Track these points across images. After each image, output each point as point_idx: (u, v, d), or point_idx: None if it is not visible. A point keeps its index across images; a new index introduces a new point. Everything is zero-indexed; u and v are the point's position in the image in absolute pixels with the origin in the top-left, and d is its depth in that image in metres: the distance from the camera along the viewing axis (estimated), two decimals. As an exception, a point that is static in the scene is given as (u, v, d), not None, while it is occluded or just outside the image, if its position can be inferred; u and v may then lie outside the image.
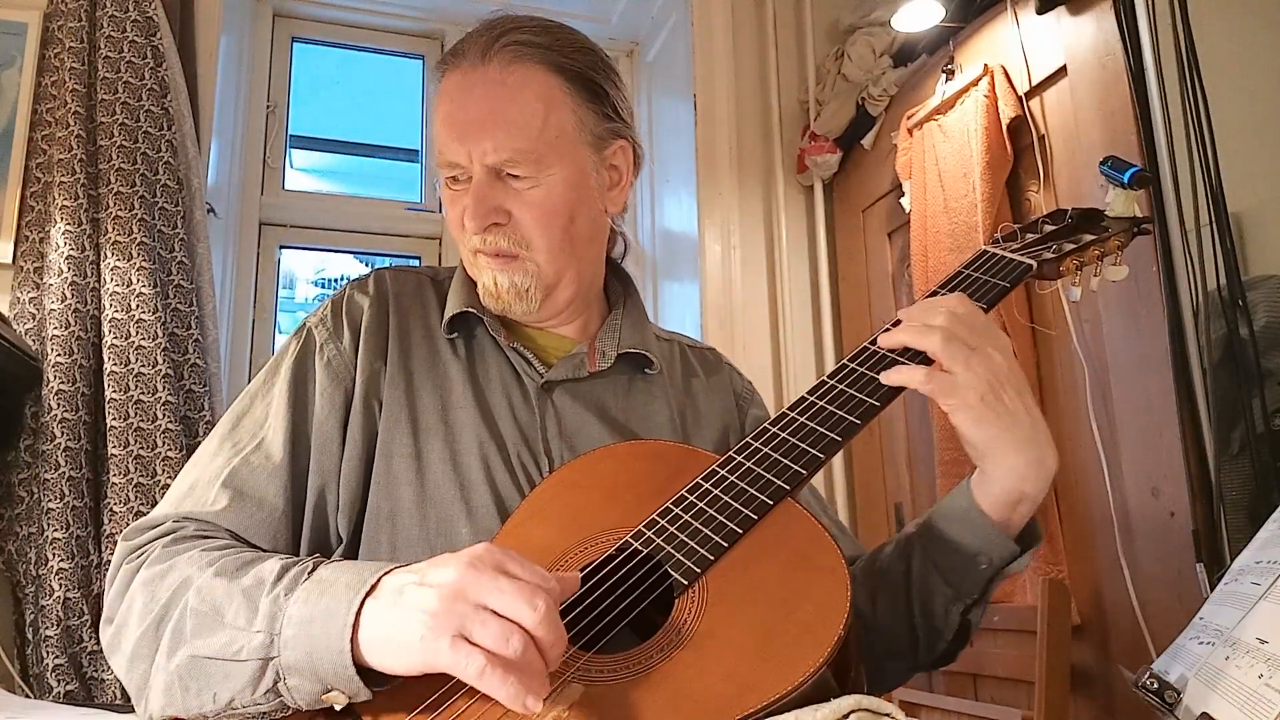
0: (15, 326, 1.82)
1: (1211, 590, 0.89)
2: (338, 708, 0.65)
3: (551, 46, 0.90)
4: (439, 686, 0.63)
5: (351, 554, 0.86)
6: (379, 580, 0.66)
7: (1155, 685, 0.78)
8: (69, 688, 1.67)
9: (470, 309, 0.93)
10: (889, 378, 0.79)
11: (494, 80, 0.88)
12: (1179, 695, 0.77)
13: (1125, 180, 0.96)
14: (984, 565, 0.82)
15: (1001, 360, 0.78)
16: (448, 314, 0.93)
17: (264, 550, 0.80)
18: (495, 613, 0.60)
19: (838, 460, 2.31)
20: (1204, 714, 0.72)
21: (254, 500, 0.81)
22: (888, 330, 0.83)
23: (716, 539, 0.72)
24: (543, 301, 0.92)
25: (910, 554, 0.86)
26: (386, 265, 1.04)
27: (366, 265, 2.94)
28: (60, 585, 1.69)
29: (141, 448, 1.79)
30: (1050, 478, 0.80)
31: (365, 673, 0.64)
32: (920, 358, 0.80)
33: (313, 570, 0.69)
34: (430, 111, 0.95)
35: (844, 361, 0.84)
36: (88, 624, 1.71)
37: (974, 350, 0.77)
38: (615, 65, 1.00)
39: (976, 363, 0.76)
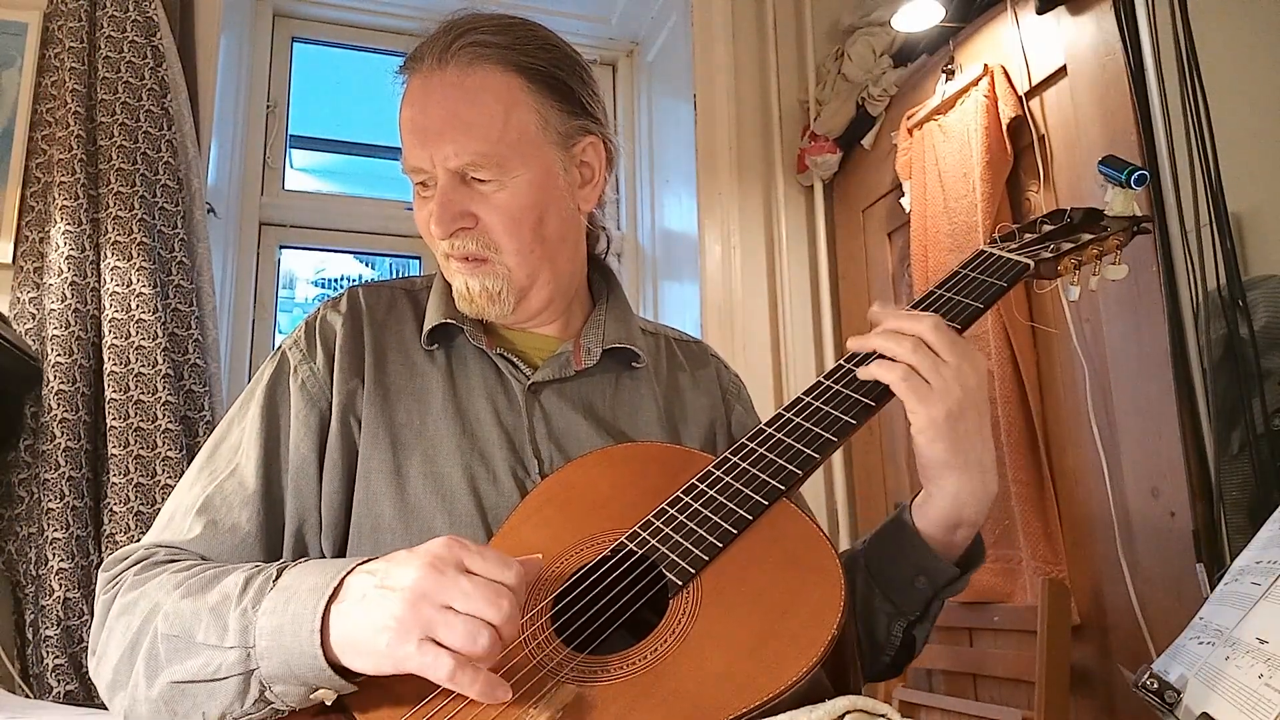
0: (15, 326, 1.82)
1: (1211, 590, 0.89)
2: (328, 703, 0.66)
3: (511, 45, 0.88)
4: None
5: None
6: (342, 581, 0.66)
7: (1155, 685, 0.78)
8: (69, 688, 1.67)
9: (449, 320, 0.92)
10: (866, 372, 0.79)
11: (452, 83, 0.86)
12: (1179, 695, 0.77)
13: (1124, 179, 0.96)
14: (921, 585, 0.82)
15: (974, 381, 0.77)
16: (426, 326, 0.93)
17: None
18: (459, 612, 0.61)
19: (838, 460, 2.31)
20: (1204, 714, 0.72)
21: (226, 527, 0.81)
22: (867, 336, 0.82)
23: (711, 539, 0.71)
24: (517, 304, 0.91)
25: (854, 570, 0.86)
26: (360, 283, 1.03)
27: (366, 265, 2.94)
28: (60, 585, 1.69)
29: (141, 448, 1.79)
30: (989, 503, 0.80)
31: (344, 670, 0.64)
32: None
33: (277, 577, 0.69)
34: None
35: (840, 362, 0.84)
36: (88, 624, 1.71)
37: (946, 364, 0.76)
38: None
39: (950, 375, 0.76)
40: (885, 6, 2.19)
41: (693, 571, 0.70)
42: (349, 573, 0.66)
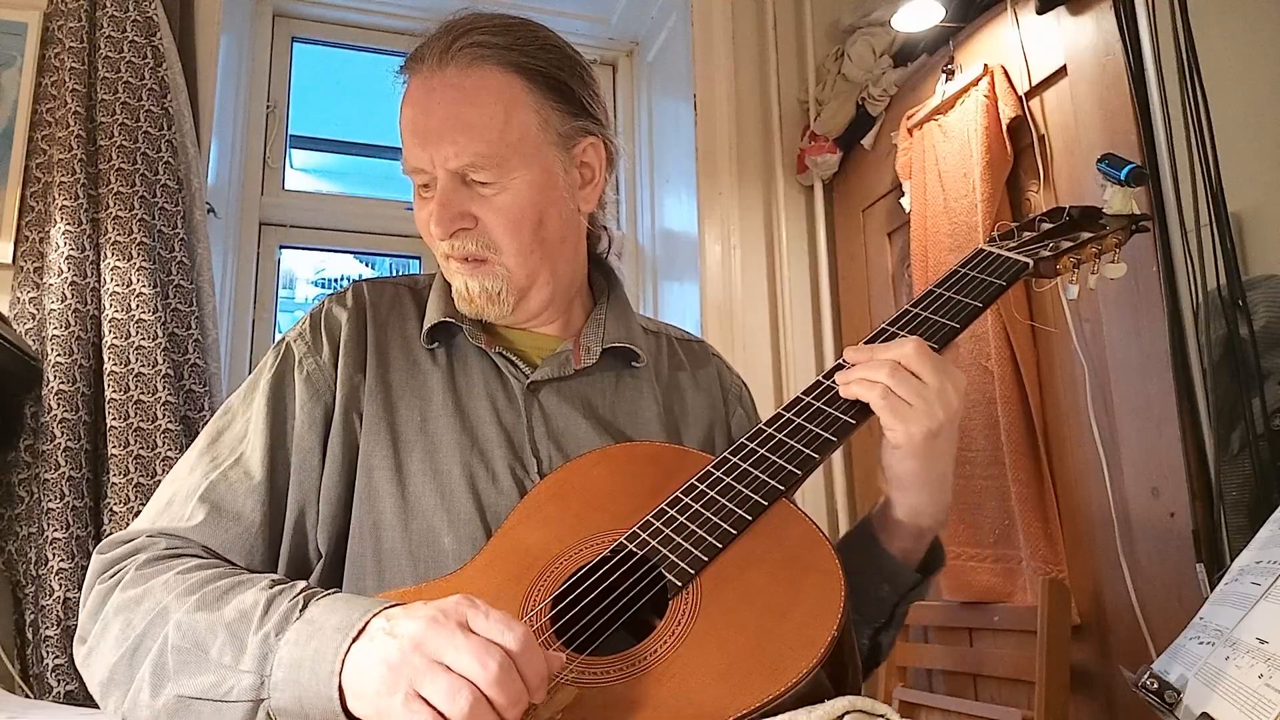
0: (15, 326, 1.82)
1: (1211, 590, 0.89)
2: None
3: (511, 46, 0.88)
4: None
5: (335, 569, 0.85)
6: (367, 623, 0.63)
7: (1155, 685, 0.78)
8: (69, 688, 1.67)
9: (449, 318, 0.92)
10: (847, 390, 0.79)
11: (452, 84, 0.87)
12: (1179, 695, 0.77)
13: (1123, 177, 0.97)
14: (885, 592, 0.84)
15: (956, 402, 0.78)
16: (426, 324, 0.93)
17: (239, 566, 0.79)
18: (448, 668, 0.58)
19: (837, 460, 2.31)
20: (1204, 714, 0.72)
21: (231, 515, 0.81)
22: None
23: (710, 540, 0.71)
24: (516, 304, 0.92)
25: None
26: (365, 278, 1.03)
27: (366, 265, 2.94)
28: (60, 585, 1.69)
29: (141, 448, 1.79)
30: (946, 512, 0.83)
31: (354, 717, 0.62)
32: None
33: (304, 607, 0.67)
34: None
35: (840, 361, 0.84)
36: (87, 624, 1.71)
37: (927, 385, 0.77)
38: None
39: (932, 397, 0.77)
40: (885, 6, 2.19)
41: (692, 572, 0.70)
42: (375, 614, 0.64)
